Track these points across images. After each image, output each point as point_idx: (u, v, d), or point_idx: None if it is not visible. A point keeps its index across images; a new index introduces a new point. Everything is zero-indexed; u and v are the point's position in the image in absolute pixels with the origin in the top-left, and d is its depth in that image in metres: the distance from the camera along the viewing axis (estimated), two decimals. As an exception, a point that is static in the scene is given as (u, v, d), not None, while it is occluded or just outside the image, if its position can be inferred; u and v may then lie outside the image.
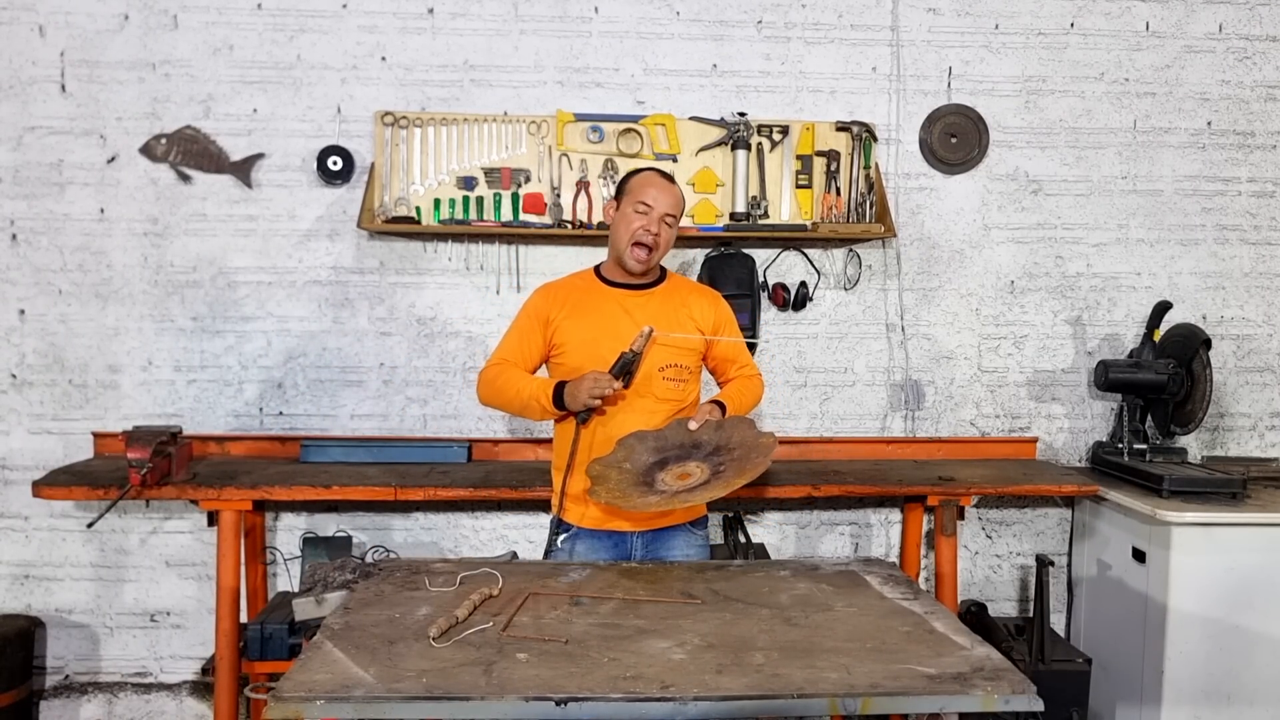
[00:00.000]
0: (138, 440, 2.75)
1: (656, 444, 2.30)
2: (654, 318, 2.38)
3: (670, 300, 2.46)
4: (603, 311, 2.41)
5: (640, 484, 2.21)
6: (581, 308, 2.42)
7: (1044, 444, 3.53)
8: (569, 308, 2.42)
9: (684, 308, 2.45)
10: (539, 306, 2.45)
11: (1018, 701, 1.56)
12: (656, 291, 2.47)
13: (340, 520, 3.39)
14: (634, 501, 2.16)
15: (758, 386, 2.53)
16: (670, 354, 2.39)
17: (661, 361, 2.38)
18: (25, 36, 3.23)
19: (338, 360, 3.37)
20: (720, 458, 2.23)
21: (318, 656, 1.67)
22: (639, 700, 1.53)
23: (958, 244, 3.47)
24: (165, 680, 3.39)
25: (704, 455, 2.26)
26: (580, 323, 2.40)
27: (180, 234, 3.30)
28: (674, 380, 2.40)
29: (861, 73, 3.41)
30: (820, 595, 2.03)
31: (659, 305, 2.44)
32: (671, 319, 2.42)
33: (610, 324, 2.39)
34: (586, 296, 2.44)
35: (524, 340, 2.44)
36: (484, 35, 3.32)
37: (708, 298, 2.54)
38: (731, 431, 2.29)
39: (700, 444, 2.28)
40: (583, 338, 2.39)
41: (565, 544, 2.45)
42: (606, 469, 2.26)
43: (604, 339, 2.36)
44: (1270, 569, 2.89)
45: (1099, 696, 3.15)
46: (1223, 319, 3.54)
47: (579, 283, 2.49)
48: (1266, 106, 3.51)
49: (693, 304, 2.47)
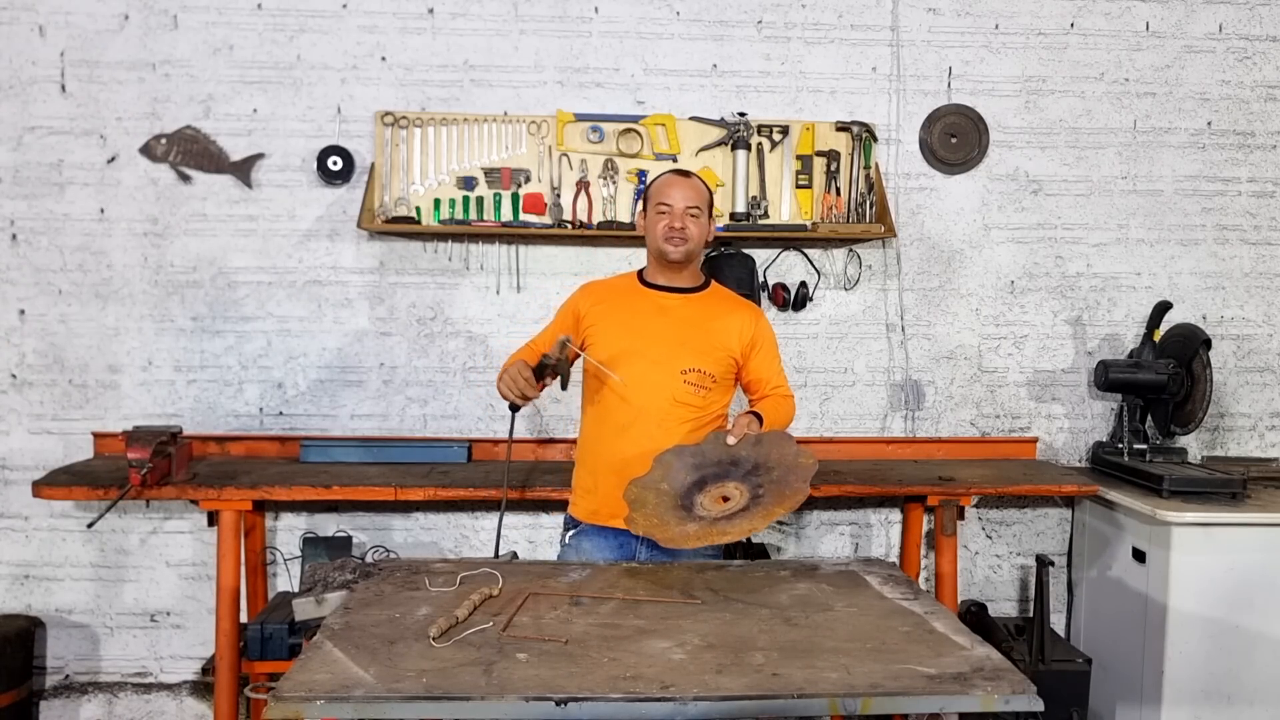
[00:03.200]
0: (138, 440, 2.75)
1: (695, 460, 2.23)
2: (688, 320, 2.40)
3: (707, 308, 2.46)
4: (636, 309, 2.43)
5: (678, 508, 2.14)
6: (618, 304, 2.45)
7: (1044, 444, 3.53)
8: (606, 304, 2.46)
9: (719, 318, 2.44)
10: (575, 301, 2.51)
11: (1018, 701, 1.56)
12: (696, 297, 2.47)
13: (340, 520, 3.39)
14: (671, 531, 2.09)
15: (790, 407, 2.48)
16: (695, 359, 2.38)
17: (685, 365, 2.37)
18: (25, 36, 3.23)
19: (338, 360, 3.37)
20: (759, 478, 2.17)
21: (318, 656, 1.67)
22: (639, 700, 1.53)
23: (958, 244, 3.47)
24: (165, 680, 3.39)
25: (742, 474, 2.19)
26: (612, 317, 2.43)
27: (180, 234, 3.30)
28: (695, 385, 2.37)
29: (861, 73, 3.41)
30: (820, 595, 2.03)
31: (695, 310, 2.44)
32: (703, 327, 2.41)
33: (642, 321, 2.40)
34: (625, 294, 2.48)
35: (550, 335, 2.49)
36: (484, 35, 3.32)
37: (748, 313, 2.50)
38: (770, 448, 2.21)
39: (738, 461, 2.21)
40: (612, 331, 2.40)
41: (573, 540, 2.46)
42: (644, 491, 2.18)
43: (631, 335, 2.39)
44: (1270, 569, 2.89)
45: (1099, 696, 3.14)
46: (1223, 319, 3.54)
47: (620, 283, 2.54)
48: (1266, 106, 3.51)
49: (729, 316, 2.45)
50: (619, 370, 2.35)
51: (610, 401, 2.39)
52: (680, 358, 2.37)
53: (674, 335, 2.39)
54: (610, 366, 2.35)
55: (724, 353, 2.42)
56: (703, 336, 2.40)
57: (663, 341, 2.38)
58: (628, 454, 2.33)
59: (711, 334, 2.41)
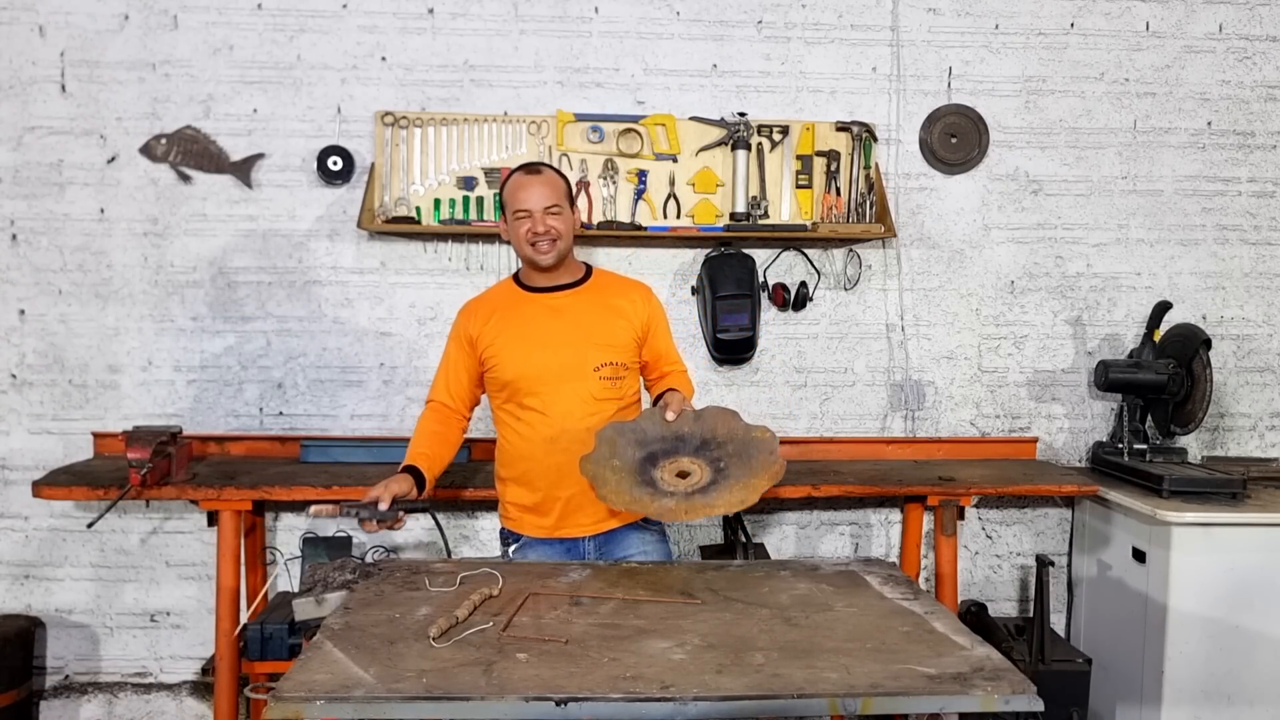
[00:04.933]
0: (138, 440, 2.75)
1: (636, 437, 2.20)
2: (584, 316, 2.35)
3: (597, 298, 2.40)
4: (527, 318, 2.36)
5: (641, 483, 2.15)
6: (506, 318, 2.37)
7: (1044, 444, 3.53)
8: (494, 321, 2.37)
9: (612, 306, 2.39)
10: (462, 328, 2.41)
11: (1018, 701, 1.56)
12: (582, 290, 2.41)
13: (340, 520, 3.38)
14: (650, 506, 2.10)
15: (690, 383, 2.49)
16: (604, 353, 2.34)
17: (595, 361, 2.33)
18: (25, 37, 3.23)
19: (338, 360, 3.37)
20: (713, 452, 2.17)
21: (318, 656, 1.67)
22: (639, 700, 1.53)
23: (958, 244, 3.47)
24: (165, 680, 3.39)
25: (693, 450, 2.18)
26: (508, 334, 2.35)
27: (180, 234, 3.30)
28: (610, 379, 2.35)
29: (861, 73, 3.41)
30: (820, 595, 2.03)
31: (587, 303, 2.38)
32: (599, 319, 2.36)
33: (538, 330, 2.34)
34: (510, 306, 2.39)
35: (450, 370, 2.43)
36: (484, 35, 3.32)
37: (637, 293, 2.45)
38: (714, 421, 2.21)
39: (683, 437, 2.20)
40: (513, 349, 2.34)
41: (517, 554, 2.42)
42: (600, 468, 2.18)
43: (534, 347, 2.32)
44: (1270, 569, 2.89)
45: (1099, 696, 3.15)
46: (1223, 319, 3.54)
47: (499, 294, 2.45)
48: (1266, 106, 3.51)
49: (622, 300, 2.41)
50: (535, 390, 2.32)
51: (530, 417, 2.34)
52: (589, 356, 2.33)
53: (575, 335, 2.34)
54: (522, 385, 2.32)
55: (627, 337, 2.38)
56: (603, 329, 2.36)
57: (566, 345, 2.33)
58: (561, 462, 2.30)
59: (610, 324, 2.36)
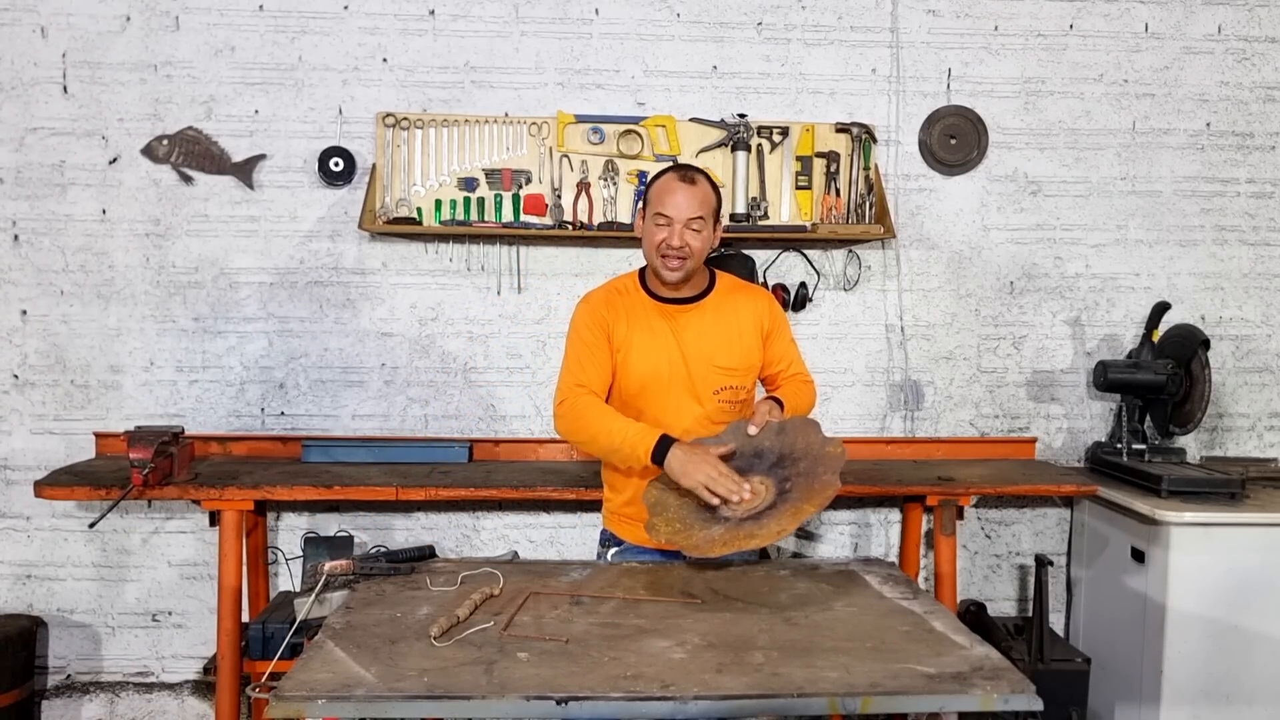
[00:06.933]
0: (140, 440, 2.75)
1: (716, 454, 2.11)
2: (707, 333, 2.27)
3: (720, 313, 2.30)
4: (655, 330, 2.27)
5: (703, 508, 2.06)
6: (634, 324, 2.27)
7: (1043, 444, 3.53)
8: (627, 319, 2.27)
9: (734, 319, 2.30)
10: (600, 317, 2.27)
11: (1017, 701, 1.57)
12: (705, 305, 2.30)
13: (342, 520, 3.39)
14: (695, 538, 2.02)
15: (811, 393, 2.37)
16: (725, 377, 2.27)
17: (716, 385, 2.27)
18: (27, 38, 3.23)
19: (339, 361, 3.37)
20: (785, 470, 2.08)
21: (319, 656, 1.68)
22: (639, 699, 1.54)
23: (957, 245, 3.48)
24: (167, 680, 3.40)
25: (767, 467, 2.10)
26: (634, 341, 2.26)
27: (182, 235, 3.30)
28: (729, 402, 2.29)
29: (861, 74, 3.41)
30: (820, 595, 2.04)
31: (709, 322, 2.29)
32: (722, 339, 2.28)
33: (663, 345, 2.26)
34: (640, 312, 2.29)
35: (594, 358, 2.25)
36: (485, 37, 3.33)
37: (760, 301, 2.36)
38: (795, 436, 2.12)
39: (762, 453, 2.12)
40: (641, 359, 2.25)
41: (616, 558, 2.37)
42: (664, 493, 2.11)
43: (660, 362, 2.25)
44: (1269, 569, 2.90)
45: (1098, 696, 3.15)
46: (1221, 319, 3.55)
47: (628, 295, 2.32)
48: (1265, 107, 3.51)
49: (742, 310, 2.32)
50: (654, 404, 2.24)
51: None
52: (709, 379, 2.26)
53: (698, 354, 2.26)
54: (644, 397, 2.26)
55: (749, 355, 2.31)
56: (725, 348, 2.28)
57: (691, 363, 2.26)
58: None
59: (732, 342, 2.29)
